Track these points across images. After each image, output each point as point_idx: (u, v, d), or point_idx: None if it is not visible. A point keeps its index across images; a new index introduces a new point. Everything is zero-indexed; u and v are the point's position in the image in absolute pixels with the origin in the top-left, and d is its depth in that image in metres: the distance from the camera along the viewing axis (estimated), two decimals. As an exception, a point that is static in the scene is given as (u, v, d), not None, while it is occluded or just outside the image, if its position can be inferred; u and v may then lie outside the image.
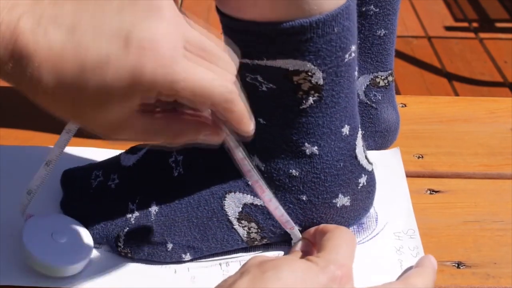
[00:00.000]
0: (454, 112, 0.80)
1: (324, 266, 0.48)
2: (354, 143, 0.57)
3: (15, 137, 0.72)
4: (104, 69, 0.40)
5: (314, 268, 0.48)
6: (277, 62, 0.51)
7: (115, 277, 0.56)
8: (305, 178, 0.56)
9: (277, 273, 0.46)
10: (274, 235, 0.57)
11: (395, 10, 0.66)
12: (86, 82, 0.40)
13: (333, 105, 0.53)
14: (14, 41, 0.39)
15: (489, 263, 0.59)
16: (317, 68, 0.51)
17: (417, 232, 0.61)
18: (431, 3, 2.40)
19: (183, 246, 0.56)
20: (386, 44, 0.67)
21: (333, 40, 0.50)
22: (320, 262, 0.48)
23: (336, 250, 0.50)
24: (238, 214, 0.56)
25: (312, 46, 0.50)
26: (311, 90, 0.52)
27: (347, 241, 0.52)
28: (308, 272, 0.47)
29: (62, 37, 0.40)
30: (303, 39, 0.50)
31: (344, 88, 0.53)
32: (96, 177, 0.60)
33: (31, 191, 0.55)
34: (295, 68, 0.51)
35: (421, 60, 2.06)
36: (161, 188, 0.58)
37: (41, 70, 0.40)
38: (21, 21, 0.39)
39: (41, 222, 0.57)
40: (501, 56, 2.08)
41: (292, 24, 0.49)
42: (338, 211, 0.57)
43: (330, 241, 0.52)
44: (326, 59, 0.51)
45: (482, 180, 0.69)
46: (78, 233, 0.57)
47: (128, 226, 0.57)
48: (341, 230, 0.53)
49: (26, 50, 0.39)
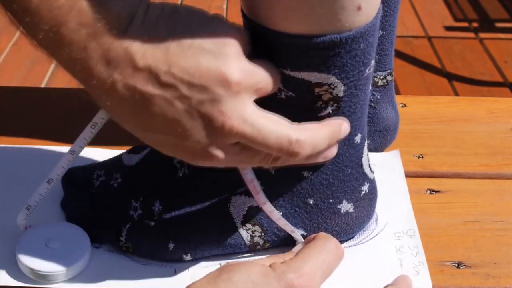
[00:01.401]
0: (454, 112, 0.80)
1: (281, 273, 0.46)
2: (362, 151, 0.57)
3: (15, 137, 0.72)
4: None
5: (271, 274, 0.46)
6: (301, 74, 0.50)
7: (115, 277, 0.56)
8: (315, 179, 0.56)
9: (231, 276, 0.45)
10: (278, 239, 0.57)
11: (393, 11, 0.66)
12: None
13: (349, 114, 0.53)
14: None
15: (489, 263, 0.59)
16: (339, 82, 0.51)
17: (417, 232, 0.61)
18: (431, 3, 2.40)
19: (185, 247, 0.56)
20: (384, 45, 0.67)
21: (358, 56, 0.50)
22: (280, 268, 0.47)
23: (305, 259, 0.49)
24: (242, 217, 0.56)
25: (338, 61, 0.50)
26: (331, 101, 0.52)
27: (325, 251, 0.50)
28: (263, 277, 0.46)
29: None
30: (331, 54, 0.49)
31: (361, 99, 0.53)
32: (98, 177, 0.60)
33: (51, 180, 0.56)
34: (318, 80, 0.51)
35: (421, 60, 2.06)
36: (165, 188, 0.58)
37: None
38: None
39: (35, 232, 0.57)
40: (501, 56, 2.08)
41: (323, 40, 0.48)
42: (342, 217, 0.57)
43: (306, 248, 0.50)
44: (350, 73, 0.51)
45: (482, 180, 0.69)
46: (73, 237, 0.57)
47: (130, 222, 0.57)
48: (326, 240, 0.52)
49: None
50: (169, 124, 0.46)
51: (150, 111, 0.46)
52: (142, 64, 0.44)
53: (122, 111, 0.47)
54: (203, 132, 0.46)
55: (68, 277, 0.55)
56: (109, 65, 0.44)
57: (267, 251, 0.58)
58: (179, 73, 0.45)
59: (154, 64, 0.44)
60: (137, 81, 0.45)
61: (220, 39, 0.45)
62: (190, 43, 0.45)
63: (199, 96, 0.45)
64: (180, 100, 0.45)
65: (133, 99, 0.45)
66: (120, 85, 0.45)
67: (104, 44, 0.44)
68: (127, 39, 0.44)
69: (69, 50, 0.43)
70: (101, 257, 0.57)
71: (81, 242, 0.57)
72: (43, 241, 0.56)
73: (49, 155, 0.69)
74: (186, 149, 0.48)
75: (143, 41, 0.44)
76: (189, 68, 0.45)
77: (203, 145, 0.47)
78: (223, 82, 0.45)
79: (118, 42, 0.44)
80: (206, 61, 0.45)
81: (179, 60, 0.45)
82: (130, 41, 0.44)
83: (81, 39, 0.43)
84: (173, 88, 0.45)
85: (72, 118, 0.75)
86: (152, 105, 0.45)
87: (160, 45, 0.44)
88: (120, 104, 0.46)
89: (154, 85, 0.45)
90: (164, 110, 0.45)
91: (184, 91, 0.45)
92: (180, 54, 0.45)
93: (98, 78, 0.45)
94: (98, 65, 0.44)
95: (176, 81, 0.45)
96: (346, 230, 0.58)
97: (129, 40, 0.44)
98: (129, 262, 0.57)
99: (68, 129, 0.73)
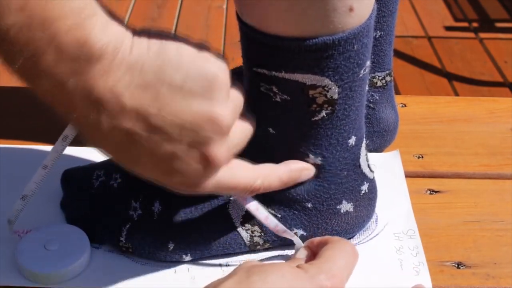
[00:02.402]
0: (454, 112, 0.80)
1: (313, 275, 0.47)
2: (359, 152, 0.57)
3: (15, 137, 0.72)
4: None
5: (303, 276, 0.46)
6: (295, 76, 0.50)
7: (115, 277, 0.56)
8: (309, 186, 0.56)
9: (264, 277, 0.45)
10: (277, 239, 0.57)
11: (391, 11, 0.66)
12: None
13: (343, 117, 0.53)
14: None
15: (489, 263, 0.59)
16: (333, 84, 0.51)
17: (417, 233, 0.61)
18: (431, 3, 2.40)
19: (185, 247, 0.56)
20: (382, 45, 0.67)
21: (352, 57, 0.50)
22: (311, 269, 0.47)
23: (332, 260, 0.49)
24: (242, 217, 0.56)
25: (332, 63, 0.50)
26: (325, 104, 0.52)
27: (346, 253, 0.51)
28: (296, 278, 0.46)
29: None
30: (324, 55, 0.49)
31: (356, 101, 0.53)
32: (98, 177, 0.60)
33: (26, 196, 0.55)
34: (312, 82, 0.51)
35: (421, 60, 2.06)
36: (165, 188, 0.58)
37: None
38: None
39: (33, 236, 0.57)
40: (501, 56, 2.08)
41: (315, 42, 0.49)
42: (342, 217, 0.57)
43: (329, 250, 0.51)
44: (344, 75, 0.51)
45: (482, 180, 0.69)
46: (71, 237, 0.57)
47: (130, 222, 0.57)
48: (343, 243, 0.52)
49: None
50: (155, 163, 0.45)
51: (136, 150, 0.44)
52: (130, 105, 0.42)
53: (106, 146, 0.46)
54: (190, 170, 0.46)
55: (67, 277, 0.55)
56: (94, 103, 0.42)
57: (267, 251, 0.58)
58: (169, 116, 0.43)
59: (143, 106, 0.42)
60: (124, 121, 0.43)
61: (209, 80, 0.44)
62: (180, 86, 0.43)
63: (189, 139, 0.44)
64: (169, 142, 0.44)
65: (119, 138, 0.44)
66: (105, 123, 0.43)
67: (87, 81, 0.41)
68: (111, 77, 0.41)
69: (48, 83, 0.41)
70: (101, 257, 0.57)
71: (79, 242, 0.57)
72: (42, 243, 0.56)
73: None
74: (171, 182, 0.48)
75: (130, 81, 0.42)
76: (179, 112, 0.43)
77: (190, 180, 0.47)
78: (214, 125, 0.44)
79: (102, 80, 0.41)
80: (196, 104, 0.44)
81: (170, 103, 0.43)
82: (116, 80, 0.41)
83: (62, 73, 0.40)
84: (162, 130, 0.44)
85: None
86: (139, 146, 0.44)
87: (149, 86, 0.42)
88: (104, 140, 0.45)
89: (142, 126, 0.43)
90: (151, 150, 0.44)
91: (174, 134, 0.44)
92: (170, 97, 0.43)
93: (81, 113, 0.42)
94: (81, 102, 0.42)
95: (165, 124, 0.43)
96: (346, 229, 0.58)
97: (114, 79, 0.41)
98: (129, 262, 0.57)
99: (68, 129, 0.73)
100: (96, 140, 0.45)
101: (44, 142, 0.71)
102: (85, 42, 0.40)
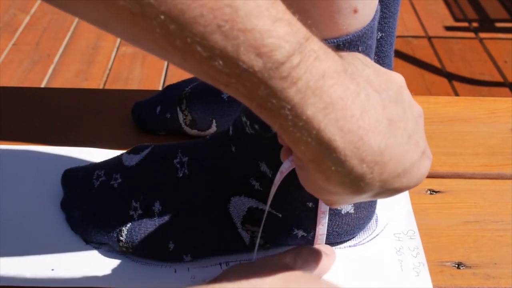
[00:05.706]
0: (454, 112, 0.80)
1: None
2: None
3: (15, 137, 0.72)
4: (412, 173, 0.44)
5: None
6: None
7: (115, 277, 0.56)
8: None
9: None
10: (278, 239, 0.57)
11: (392, 13, 0.66)
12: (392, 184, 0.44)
13: None
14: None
15: (489, 263, 0.59)
16: None
17: (417, 233, 0.61)
18: (431, 3, 2.40)
19: (185, 247, 0.57)
20: (384, 47, 0.67)
21: None
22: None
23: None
24: (242, 217, 0.56)
25: None
26: None
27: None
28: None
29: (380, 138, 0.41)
30: None
31: None
32: (98, 177, 0.60)
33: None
34: None
35: (421, 60, 2.06)
36: (165, 188, 0.58)
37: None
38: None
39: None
40: (501, 56, 2.08)
41: None
42: (343, 218, 0.58)
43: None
44: None
45: (482, 180, 0.69)
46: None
47: (130, 222, 0.57)
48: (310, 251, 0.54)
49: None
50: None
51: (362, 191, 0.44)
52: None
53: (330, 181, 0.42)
54: (423, 171, 0.46)
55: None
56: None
57: (267, 251, 0.58)
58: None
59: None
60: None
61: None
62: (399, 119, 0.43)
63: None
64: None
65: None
66: (349, 160, 0.40)
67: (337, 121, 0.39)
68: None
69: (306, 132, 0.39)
70: (101, 257, 0.57)
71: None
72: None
73: (48, 156, 0.69)
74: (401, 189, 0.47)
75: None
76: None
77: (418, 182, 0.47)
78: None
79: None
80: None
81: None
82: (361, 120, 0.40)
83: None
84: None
85: (72, 118, 0.75)
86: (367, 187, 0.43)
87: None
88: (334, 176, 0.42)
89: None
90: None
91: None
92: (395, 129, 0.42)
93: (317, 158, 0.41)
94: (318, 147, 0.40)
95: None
96: (346, 230, 0.58)
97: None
98: (129, 262, 0.57)
99: (68, 129, 0.73)
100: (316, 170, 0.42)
101: (44, 142, 0.71)
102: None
